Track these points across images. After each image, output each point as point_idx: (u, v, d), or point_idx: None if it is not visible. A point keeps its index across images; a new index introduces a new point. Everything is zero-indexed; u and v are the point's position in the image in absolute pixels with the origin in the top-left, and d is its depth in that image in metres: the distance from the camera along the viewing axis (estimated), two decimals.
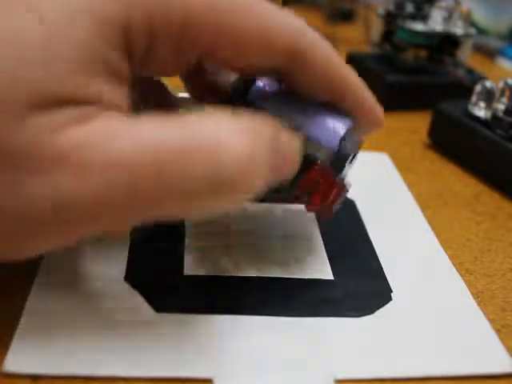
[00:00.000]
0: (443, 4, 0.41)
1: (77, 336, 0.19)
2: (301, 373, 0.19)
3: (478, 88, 0.34)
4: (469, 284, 0.24)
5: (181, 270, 0.23)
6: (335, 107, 0.21)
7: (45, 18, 0.16)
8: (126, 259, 0.23)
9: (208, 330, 0.20)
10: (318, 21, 0.59)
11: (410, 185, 0.31)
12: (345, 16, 0.61)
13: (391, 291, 0.23)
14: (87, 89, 0.16)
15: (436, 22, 0.41)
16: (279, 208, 0.27)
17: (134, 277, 0.22)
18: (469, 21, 0.42)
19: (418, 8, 0.42)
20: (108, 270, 0.22)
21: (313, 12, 0.61)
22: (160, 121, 0.16)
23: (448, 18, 0.41)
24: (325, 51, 0.20)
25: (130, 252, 0.23)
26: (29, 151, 0.15)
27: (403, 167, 0.33)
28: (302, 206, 0.27)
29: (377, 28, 0.44)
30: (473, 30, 0.42)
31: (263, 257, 0.24)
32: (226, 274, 0.23)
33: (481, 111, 0.33)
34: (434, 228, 0.27)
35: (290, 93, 0.21)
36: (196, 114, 0.17)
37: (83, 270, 0.22)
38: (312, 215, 0.27)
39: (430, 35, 0.41)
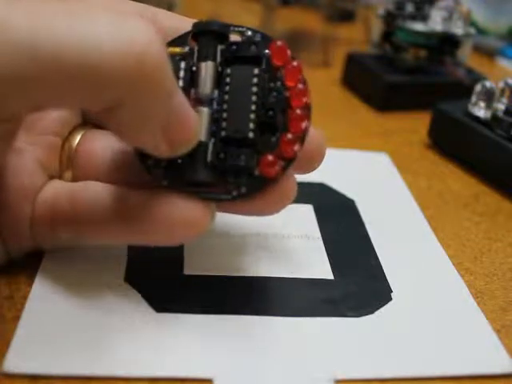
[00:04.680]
0: (443, 4, 0.41)
1: (76, 336, 0.19)
2: (301, 373, 0.19)
3: (477, 88, 0.33)
4: (469, 284, 0.24)
5: (181, 269, 0.23)
6: None
7: None
8: (125, 259, 0.23)
9: (208, 329, 0.20)
10: (318, 21, 0.59)
11: (410, 185, 0.31)
12: (345, 16, 0.60)
13: (391, 291, 0.23)
14: None
15: (436, 22, 0.41)
16: None
17: (134, 277, 0.22)
18: (469, 21, 0.42)
19: (418, 8, 0.42)
20: (108, 269, 0.22)
21: (312, 12, 0.61)
22: None
23: (448, 18, 0.41)
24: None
25: (129, 252, 0.23)
26: None
27: (403, 167, 0.33)
28: (301, 206, 0.27)
29: (377, 28, 0.43)
30: (473, 30, 0.42)
31: (263, 257, 0.24)
32: (226, 274, 0.23)
33: (481, 111, 0.33)
34: (433, 228, 0.27)
35: None
36: None
37: (83, 270, 0.22)
38: (312, 215, 0.27)
39: (430, 35, 0.41)
